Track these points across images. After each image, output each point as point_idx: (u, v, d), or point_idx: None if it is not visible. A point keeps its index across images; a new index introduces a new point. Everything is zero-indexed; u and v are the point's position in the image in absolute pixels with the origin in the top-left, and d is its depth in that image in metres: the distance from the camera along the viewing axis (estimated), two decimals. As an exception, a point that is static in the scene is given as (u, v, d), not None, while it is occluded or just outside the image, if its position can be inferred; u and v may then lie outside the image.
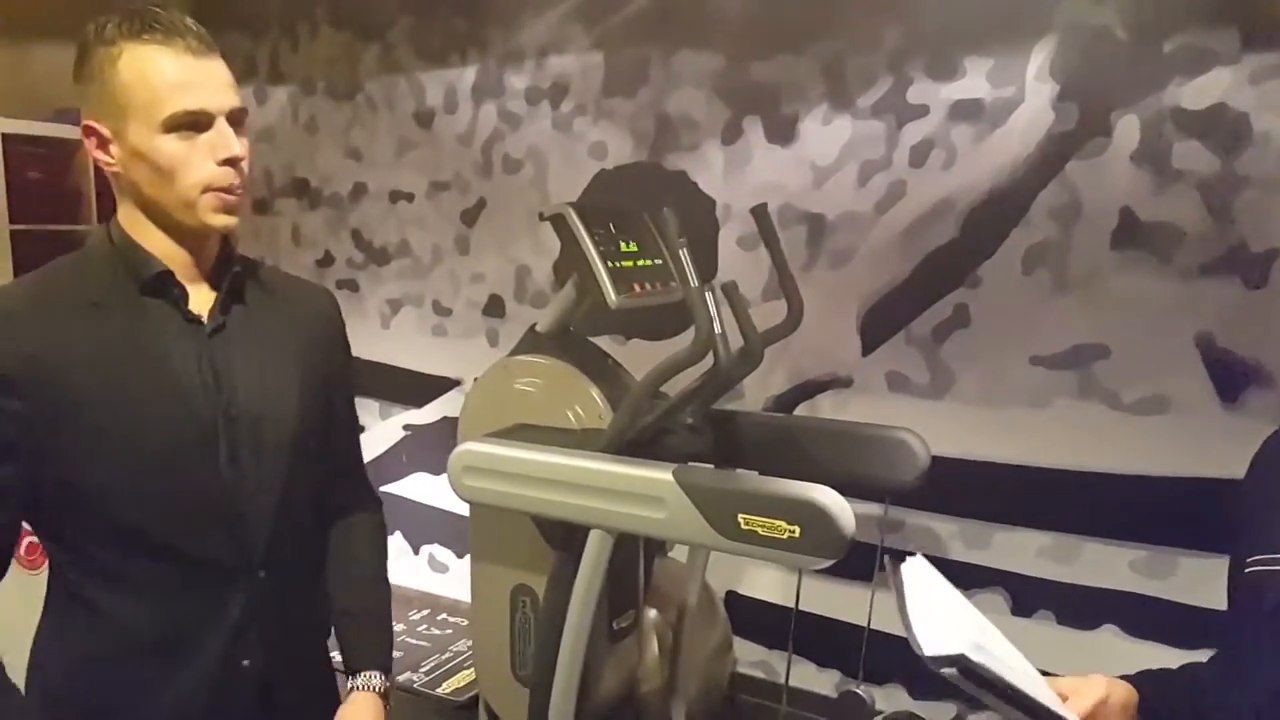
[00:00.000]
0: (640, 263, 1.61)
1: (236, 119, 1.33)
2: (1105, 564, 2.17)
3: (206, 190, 1.31)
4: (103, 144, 1.31)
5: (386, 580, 1.72)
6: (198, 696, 1.39)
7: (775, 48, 2.43)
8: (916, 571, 1.26)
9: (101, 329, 1.31)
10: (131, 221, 1.36)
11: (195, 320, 1.38)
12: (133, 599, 1.35)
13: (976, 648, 1.05)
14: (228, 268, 1.43)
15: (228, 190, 1.32)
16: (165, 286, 1.36)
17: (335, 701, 1.60)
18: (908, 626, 1.11)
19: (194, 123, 1.28)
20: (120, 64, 1.26)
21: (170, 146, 1.28)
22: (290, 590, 1.49)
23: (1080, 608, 2.20)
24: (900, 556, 1.27)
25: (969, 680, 1.07)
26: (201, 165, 1.29)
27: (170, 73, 1.26)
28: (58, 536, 1.36)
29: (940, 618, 1.16)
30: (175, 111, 1.26)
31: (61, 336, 1.28)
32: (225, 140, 1.30)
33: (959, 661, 1.04)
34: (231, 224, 1.35)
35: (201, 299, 1.40)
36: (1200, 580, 2.08)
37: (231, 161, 1.31)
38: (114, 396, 1.29)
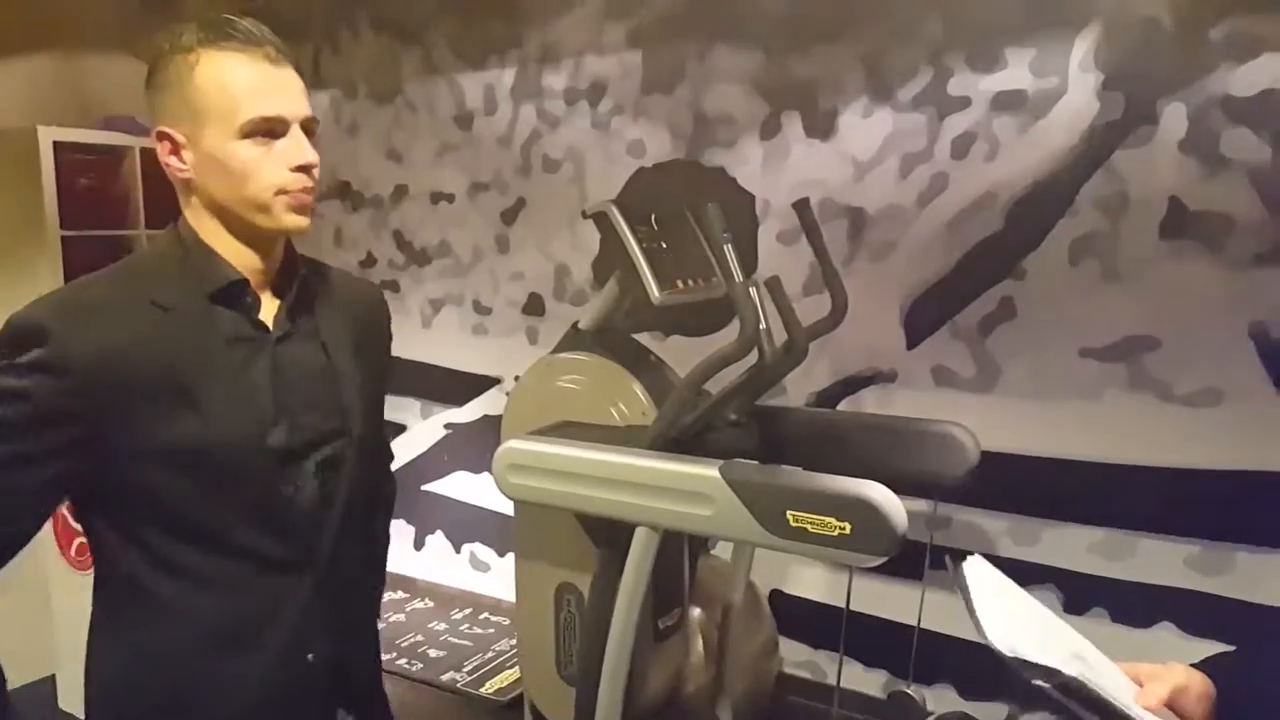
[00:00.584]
0: (682, 258, 1.60)
1: (309, 127, 1.34)
2: (1159, 560, 2.13)
3: (280, 193, 1.32)
4: (176, 150, 1.32)
5: (384, 562, 1.79)
6: (262, 688, 1.40)
7: (813, 41, 2.41)
8: (978, 570, 1.24)
9: (171, 333, 1.31)
10: (202, 226, 1.37)
11: (262, 328, 1.39)
12: (197, 591, 1.36)
13: (1075, 659, 1.03)
14: (292, 273, 1.44)
15: (301, 193, 1.33)
16: (238, 294, 1.37)
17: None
18: (982, 630, 1.08)
19: (270, 129, 1.30)
20: (198, 70, 1.28)
21: (246, 152, 1.29)
22: (350, 582, 1.50)
23: (1135, 605, 2.16)
24: (959, 556, 1.25)
25: (1063, 694, 1.04)
26: (275, 171, 1.31)
27: (248, 80, 1.28)
28: (124, 530, 1.35)
29: (1012, 619, 1.14)
30: (253, 117, 1.28)
31: (131, 337, 1.28)
32: (299, 147, 1.32)
33: (1054, 677, 1.02)
34: (304, 225, 1.36)
35: (268, 306, 1.41)
36: (1259, 576, 2.03)
37: (305, 168, 1.32)
38: (182, 402, 1.29)
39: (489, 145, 3.02)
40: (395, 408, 3.23)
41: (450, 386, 3.21)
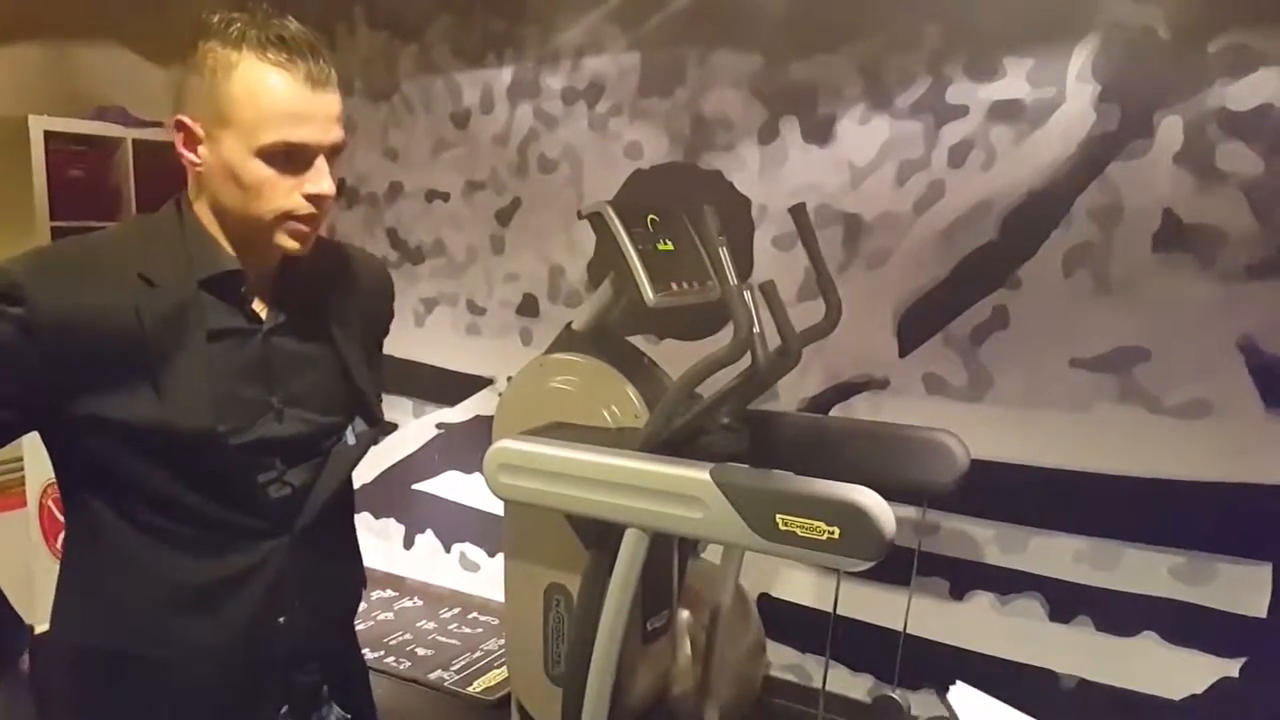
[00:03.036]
0: (677, 261, 1.60)
1: (336, 151, 1.29)
2: (1144, 570, 2.14)
3: (286, 218, 1.27)
4: (191, 142, 1.27)
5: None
6: (231, 650, 1.36)
7: (813, 47, 2.42)
8: (964, 696, 1.23)
9: (151, 309, 1.25)
10: (205, 215, 1.32)
11: (255, 319, 1.35)
12: (168, 550, 1.32)
13: None
14: (292, 266, 1.39)
15: (307, 221, 1.29)
16: (233, 285, 1.32)
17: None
18: None
19: (291, 155, 1.24)
20: (236, 74, 1.22)
21: (261, 171, 1.23)
22: (327, 550, 1.46)
23: (1119, 614, 2.17)
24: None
25: None
26: (288, 195, 1.25)
27: (283, 100, 1.22)
28: (94, 487, 1.31)
29: None
30: (276, 141, 1.22)
31: (108, 305, 1.23)
32: (318, 177, 1.26)
33: None
34: (300, 250, 1.31)
35: (263, 297, 1.37)
36: (1241, 587, 2.05)
37: (317, 199, 1.27)
38: (146, 381, 1.25)
39: (485, 144, 3.02)
40: (387, 406, 3.22)
41: (442, 386, 3.20)
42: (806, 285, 2.42)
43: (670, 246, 1.61)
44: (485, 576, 3.19)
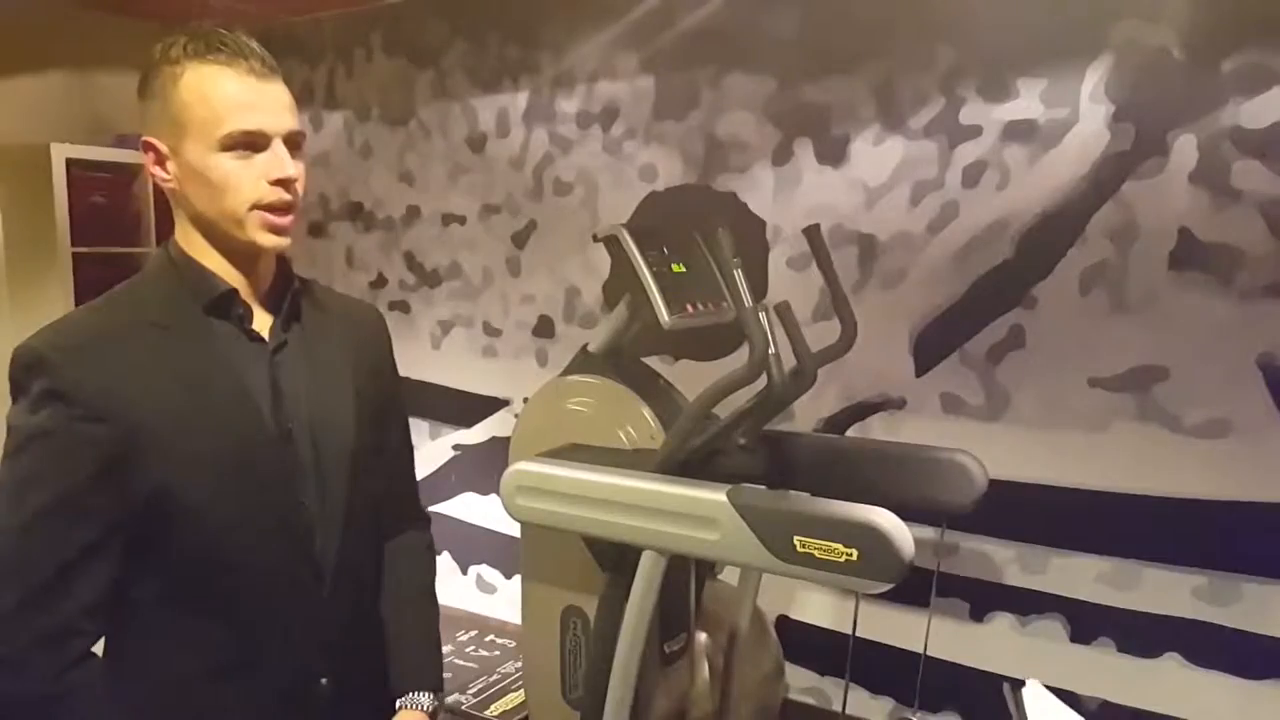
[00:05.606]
0: (692, 283, 1.61)
1: (294, 142, 1.35)
2: (1166, 590, 2.12)
3: (255, 208, 1.32)
4: (160, 160, 1.34)
5: (435, 599, 1.71)
6: (274, 715, 1.39)
7: (826, 69, 2.43)
8: (1036, 696, 1.22)
9: (171, 351, 1.31)
10: (190, 241, 1.38)
11: (258, 339, 1.40)
12: (209, 619, 1.35)
13: None
14: (286, 286, 1.45)
15: (276, 209, 1.33)
16: (229, 306, 1.38)
17: None
18: None
19: (250, 143, 1.30)
20: (183, 83, 1.29)
21: (225, 165, 1.30)
22: (359, 608, 1.50)
23: (1141, 635, 2.15)
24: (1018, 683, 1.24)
25: None
26: (254, 185, 1.31)
27: (231, 93, 1.29)
28: (136, 562, 1.34)
29: None
30: (232, 131, 1.28)
31: (134, 362, 1.29)
32: (279, 161, 1.32)
33: None
34: (280, 244, 1.36)
35: (262, 318, 1.42)
36: (1266, 608, 2.03)
37: (283, 183, 1.32)
38: (190, 416, 1.30)
39: (501, 168, 3.04)
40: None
41: (459, 408, 3.21)
42: (821, 305, 2.42)
43: (685, 268, 1.61)
44: (502, 598, 3.19)
